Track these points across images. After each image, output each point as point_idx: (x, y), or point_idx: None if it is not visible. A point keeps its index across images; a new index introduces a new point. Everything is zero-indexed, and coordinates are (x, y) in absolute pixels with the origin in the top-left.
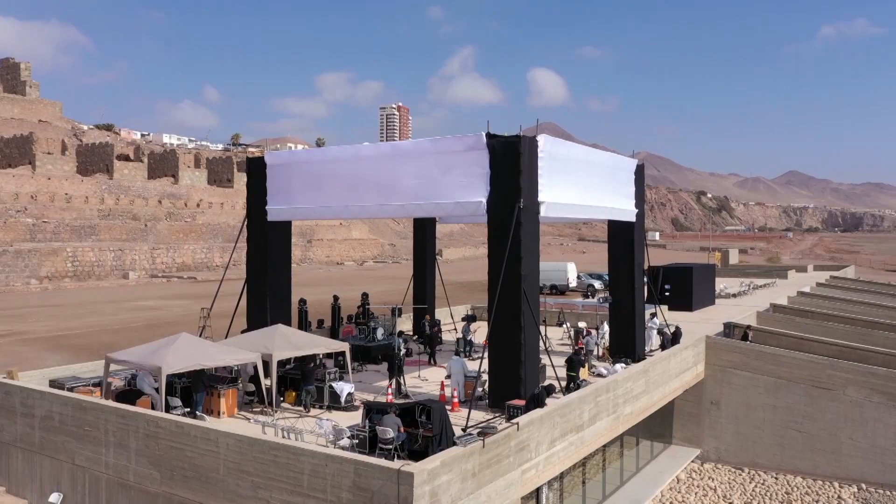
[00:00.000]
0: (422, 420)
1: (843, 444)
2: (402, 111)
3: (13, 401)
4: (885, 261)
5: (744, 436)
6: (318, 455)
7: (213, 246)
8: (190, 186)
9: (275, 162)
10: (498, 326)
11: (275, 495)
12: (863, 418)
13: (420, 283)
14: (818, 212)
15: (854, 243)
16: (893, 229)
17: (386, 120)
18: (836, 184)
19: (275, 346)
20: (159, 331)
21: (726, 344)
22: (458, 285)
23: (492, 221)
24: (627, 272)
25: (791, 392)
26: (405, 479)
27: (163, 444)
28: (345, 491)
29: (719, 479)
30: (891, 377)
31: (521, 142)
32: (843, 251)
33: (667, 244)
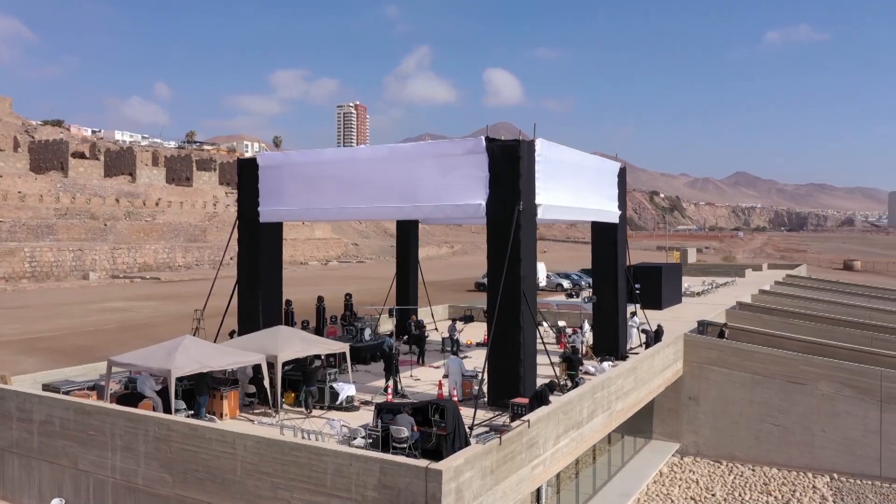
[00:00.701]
0: (435, 419)
1: (815, 437)
2: (359, 110)
3: (8, 406)
4: (832, 259)
5: (721, 430)
6: (341, 455)
7: (174, 246)
8: (148, 185)
9: (267, 163)
10: (498, 326)
11: (296, 495)
12: (834, 411)
13: (403, 283)
14: (765, 212)
15: (801, 242)
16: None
17: (343, 118)
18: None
19: (279, 347)
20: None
21: (704, 341)
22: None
23: (491, 223)
24: (611, 272)
25: (766, 387)
26: (433, 476)
27: (175, 446)
28: (370, 489)
29: (700, 472)
30: (860, 372)
31: (520, 146)
32: (791, 250)
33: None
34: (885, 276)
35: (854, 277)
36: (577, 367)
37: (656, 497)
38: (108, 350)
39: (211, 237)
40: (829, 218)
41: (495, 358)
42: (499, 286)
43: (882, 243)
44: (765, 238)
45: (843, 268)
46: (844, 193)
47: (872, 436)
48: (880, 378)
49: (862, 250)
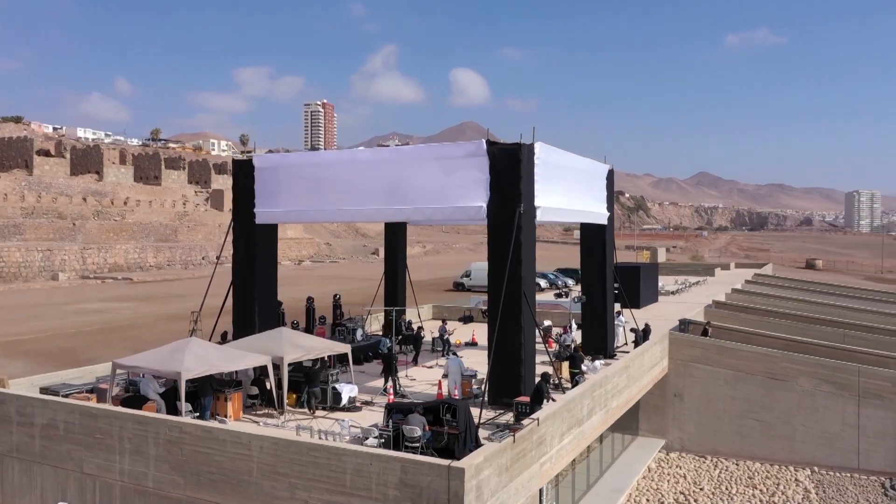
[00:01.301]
0: (447, 418)
1: (796, 431)
2: (326, 108)
3: (8, 409)
4: (794, 258)
5: (705, 426)
6: (361, 454)
7: (145, 246)
8: (116, 184)
9: (263, 165)
10: (499, 326)
11: (314, 495)
12: (814, 406)
13: (392, 284)
14: (727, 211)
15: (763, 242)
16: (795, 228)
17: (311, 117)
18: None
19: (283, 349)
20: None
21: (689, 339)
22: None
23: (492, 225)
24: (600, 272)
25: (748, 384)
26: (456, 474)
27: (187, 449)
28: (391, 488)
29: (686, 467)
30: (838, 368)
31: (521, 149)
32: (754, 249)
33: None
34: (846, 274)
35: (817, 276)
36: (580, 365)
37: (647, 492)
38: (94, 352)
39: (182, 237)
40: (788, 218)
41: (496, 358)
42: (500, 287)
43: (840, 242)
44: (728, 237)
45: (805, 267)
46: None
47: (850, 430)
48: (858, 374)
49: (822, 249)
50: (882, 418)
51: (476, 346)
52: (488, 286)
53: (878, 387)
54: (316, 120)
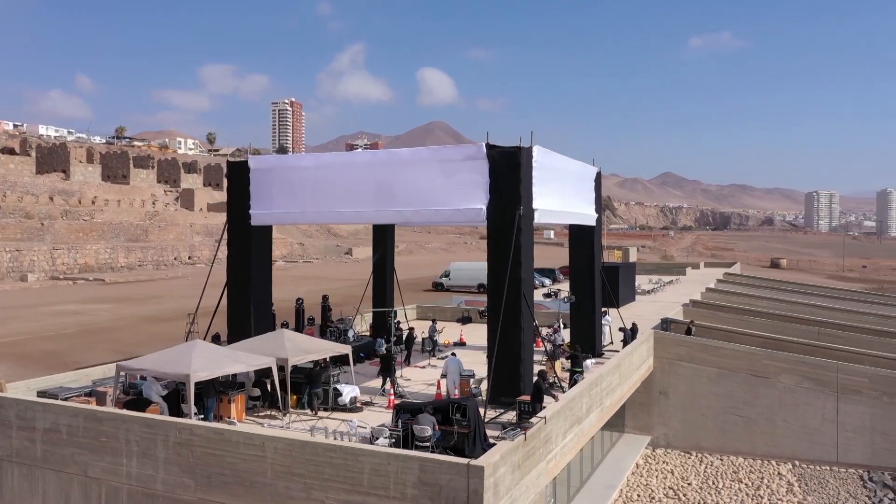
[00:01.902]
0: (456, 417)
1: (777, 427)
2: (294, 107)
3: (7, 414)
4: (758, 257)
5: (690, 422)
6: (379, 454)
7: (116, 246)
8: (83, 182)
9: (259, 166)
10: (500, 327)
11: (331, 495)
12: (794, 402)
13: (380, 285)
14: (691, 211)
15: (728, 241)
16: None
17: (278, 115)
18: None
19: (288, 351)
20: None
21: (673, 338)
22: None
23: (492, 228)
24: (588, 273)
25: (731, 381)
26: (475, 472)
27: (198, 451)
28: (409, 487)
29: (672, 462)
30: (818, 365)
31: (520, 153)
32: (719, 248)
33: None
34: (809, 273)
35: (783, 275)
36: (581, 363)
37: (637, 488)
38: (78, 355)
39: (153, 237)
40: (750, 217)
41: (496, 357)
42: (500, 288)
43: (801, 242)
44: (694, 237)
45: (770, 266)
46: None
47: (829, 424)
48: (836, 371)
49: (785, 249)
50: (860, 413)
51: (465, 346)
52: (488, 287)
53: (856, 383)
54: (284, 119)
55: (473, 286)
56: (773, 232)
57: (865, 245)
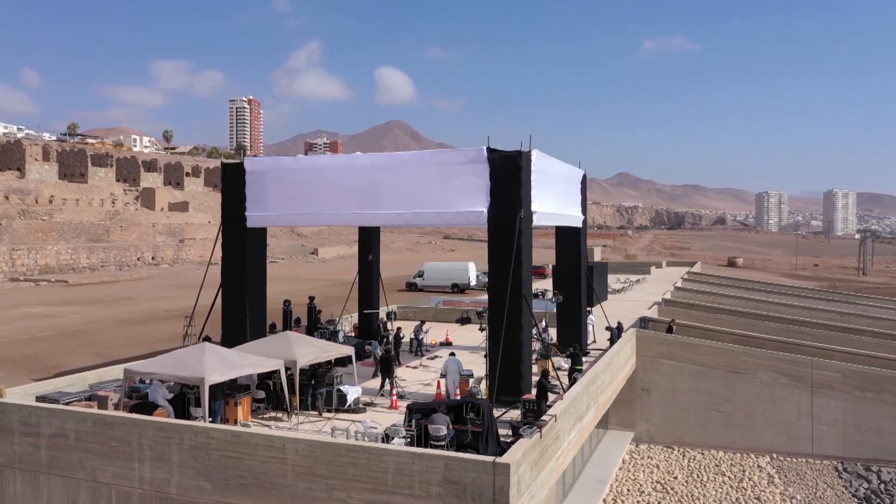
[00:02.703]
0: (470, 417)
1: (756, 421)
2: (252, 105)
3: (9, 420)
4: (715, 256)
5: (671, 418)
6: (404, 454)
7: (78, 246)
8: (39, 181)
9: (255, 168)
10: (500, 327)
11: (353, 495)
12: (772, 397)
13: (366, 286)
14: (647, 211)
15: (684, 240)
16: (710, 227)
17: (236, 113)
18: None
19: (295, 352)
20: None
21: (655, 336)
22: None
23: (493, 230)
24: (574, 273)
25: (711, 377)
26: (501, 470)
27: (215, 454)
28: (434, 485)
29: (656, 457)
30: (793, 361)
31: (521, 157)
32: (677, 247)
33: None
34: (765, 271)
35: (741, 273)
36: (581, 361)
37: (626, 482)
38: (59, 359)
39: (115, 237)
40: (703, 217)
41: (498, 357)
42: (501, 289)
43: (754, 241)
44: (651, 236)
45: (727, 264)
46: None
47: (805, 418)
48: (811, 367)
49: (739, 248)
50: (833, 407)
51: (450, 346)
52: (489, 288)
53: (830, 378)
54: (242, 117)
55: (447, 286)
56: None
57: (815, 244)
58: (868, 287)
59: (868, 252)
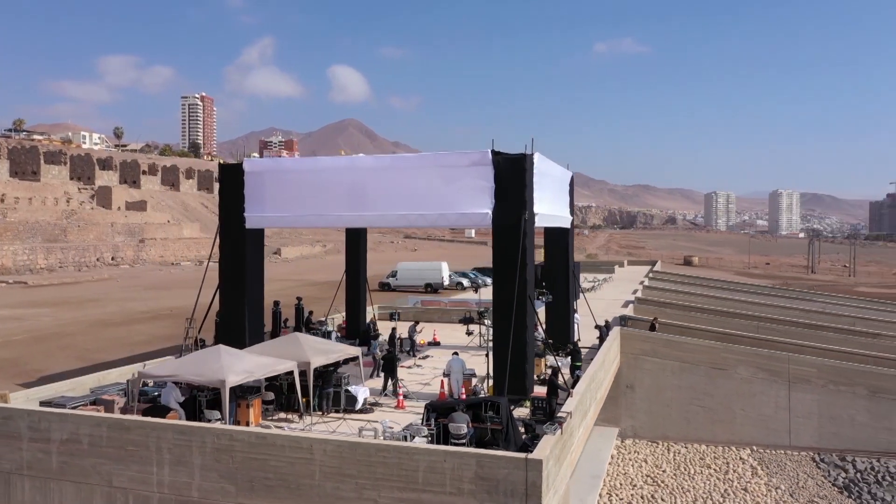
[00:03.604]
0: (489, 415)
1: (736, 415)
2: (206, 101)
3: (17, 425)
4: (670, 255)
5: (655, 413)
6: (435, 452)
7: (35, 247)
8: None
9: (254, 169)
10: (505, 326)
11: (384, 494)
12: (751, 392)
13: (353, 287)
14: (600, 210)
15: (639, 239)
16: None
17: (188, 110)
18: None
19: (308, 354)
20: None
21: (639, 334)
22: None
23: (498, 231)
24: (563, 272)
25: (693, 373)
26: (533, 465)
27: (239, 456)
28: (466, 482)
29: (643, 452)
30: (771, 357)
31: (526, 159)
32: (632, 246)
33: (486, 241)
34: (719, 269)
35: (700, 272)
36: (581, 358)
37: (618, 477)
38: (40, 363)
39: (73, 237)
40: (654, 217)
41: (503, 356)
42: (506, 289)
43: (706, 240)
44: (607, 235)
45: (683, 263)
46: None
47: (783, 412)
48: (788, 362)
49: (692, 247)
50: (809, 401)
51: (439, 346)
52: (493, 288)
53: (805, 373)
54: (194, 113)
55: (420, 286)
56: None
57: (763, 243)
58: (818, 285)
59: (815, 251)
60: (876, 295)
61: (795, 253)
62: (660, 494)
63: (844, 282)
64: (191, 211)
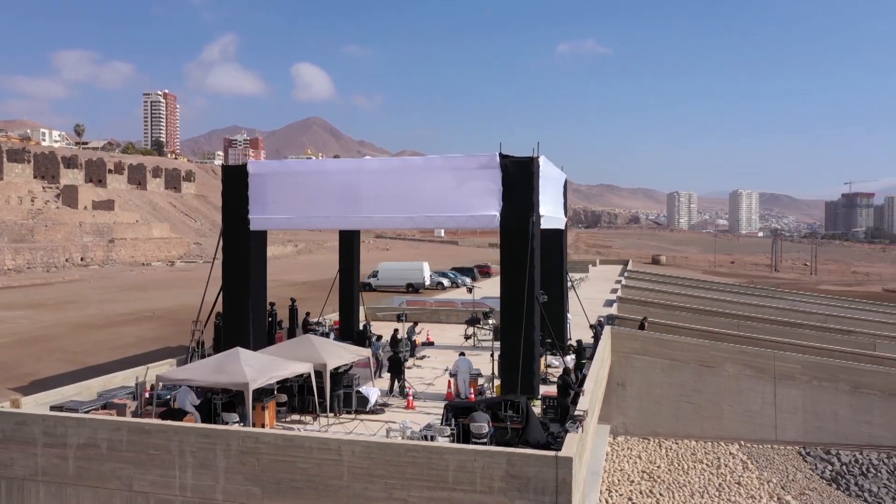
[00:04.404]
0: (509, 414)
1: (724, 411)
2: (168, 99)
3: (32, 431)
4: (637, 254)
5: (645, 410)
6: (465, 451)
7: (2, 247)
8: None
9: (258, 171)
10: (514, 327)
11: (413, 493)
12: (738, 389)
13: (347, 289)
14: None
15: (605, 239)
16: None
17: (151, 107)
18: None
19: (324, 356)
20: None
21: (629, 333)
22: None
23: (505, 233)
24: (557, 273)
25: (682, 371)
26: (564, 463)
27: (265, 458)
28: (496, 481)
29: (635, 448)
30: (758, 354)
31: (533, 163)
32: (599, 245)
33: (457, 241)
34: (686, 268)
35: (669, 271)
36: (585, 357)
37: (615, 473)
38: (29, 367)
39: (40, 237)
40: (618, 216)
41: (512, 356)
42: (514, 290)
43: (670, 239)
44: (574, 235)
45: (651, 262)
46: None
47: (769, 407)
48: (773, 359)
49: (657, 245)
50: (794, 396)
51: (433, 346)
52: (501, 289)
53: (790, 369)
54: (157, 111)
55: (402, 286)
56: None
57: (726, 242)
58: (783, 283)
59: (778, 250)
60: (837, 293)
61: (757, 252)
62: (658, 490)
63: (807, 280)
64: (159, 210)
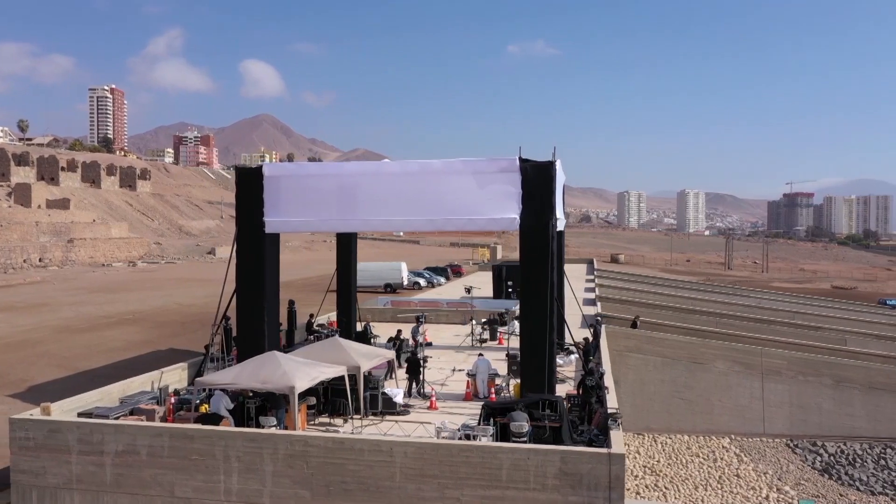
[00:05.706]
0: (546, 413)
1: (714, 406)
2: (115, 94)
3: (66, 438)
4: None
5: (639, 406)
6: (519, 450)
7: None
8: None
9: (274, 173)
10: (534, 327)
11: (466, 492)
12: (728, 384)
13: (345, 290)
14: None
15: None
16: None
17: (97, 103)
18: None
19: (356, 358)
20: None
21: (623, 332)
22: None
23: (525, 235)
24: (557, 273)
25: (674, 368)
26: (617, 460)
27: (314, 461)
28: (550, 478)
29: (632, 443)
30: (746, 351)
31: (552, 166)
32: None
33: (419, 240)
34: (644, 266)
35: (630, 269)
36: (593, 354)
37: None
38: (20, 373)
39: None
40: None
41: (532, 355)
42: (535, 291)
43: (623, 238)
44: None
45: (610, 261)
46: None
47: (757, 402)
48: (761, 355)
49: (611, 244)
50: (780, 391)
51: (431, 346)
52: (521, 290)
53: (777, 365)
54: (103, 107)
55: (380, 286)
56: (595, 228)
57: (677, 241)
58: (738, 280)
59: (731, 249)
60: (790, 289)
61: (708, 250)
62: (662, 483)
63: (759, 277)
64: (115, 209)
